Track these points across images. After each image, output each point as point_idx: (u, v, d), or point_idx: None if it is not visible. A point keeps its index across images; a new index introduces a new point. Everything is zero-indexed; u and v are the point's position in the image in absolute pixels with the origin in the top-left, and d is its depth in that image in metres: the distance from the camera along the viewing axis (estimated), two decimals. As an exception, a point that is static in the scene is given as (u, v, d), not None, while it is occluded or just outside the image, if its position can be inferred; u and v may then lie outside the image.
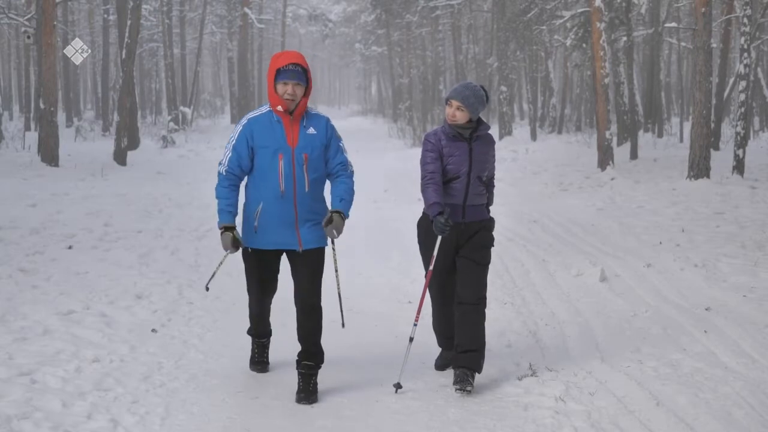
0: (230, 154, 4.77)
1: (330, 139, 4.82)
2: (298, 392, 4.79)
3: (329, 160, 4.84)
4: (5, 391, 4.55)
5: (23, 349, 5.31)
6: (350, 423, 4.46)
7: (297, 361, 4.89)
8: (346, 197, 4.83)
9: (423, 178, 4.93)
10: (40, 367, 4.97)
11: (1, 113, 24.16)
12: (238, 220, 4.86)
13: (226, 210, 4.76)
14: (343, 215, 4.79)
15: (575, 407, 4.55)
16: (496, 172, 5.28)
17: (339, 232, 4.76)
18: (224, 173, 4.79)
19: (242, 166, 4.76)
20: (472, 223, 5.01)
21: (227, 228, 4.74)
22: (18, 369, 4.91)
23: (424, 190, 4.90)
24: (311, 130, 4.76)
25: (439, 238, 4.87)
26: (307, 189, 4.73)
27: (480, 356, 4.92)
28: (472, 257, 4.97)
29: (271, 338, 5.36)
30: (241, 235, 4.87)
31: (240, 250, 4.80)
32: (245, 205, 4.89)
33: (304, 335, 4.89)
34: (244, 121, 4.80)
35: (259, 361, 5.28)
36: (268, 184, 4.71)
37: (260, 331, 5.23)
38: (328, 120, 4.87)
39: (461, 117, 4.91)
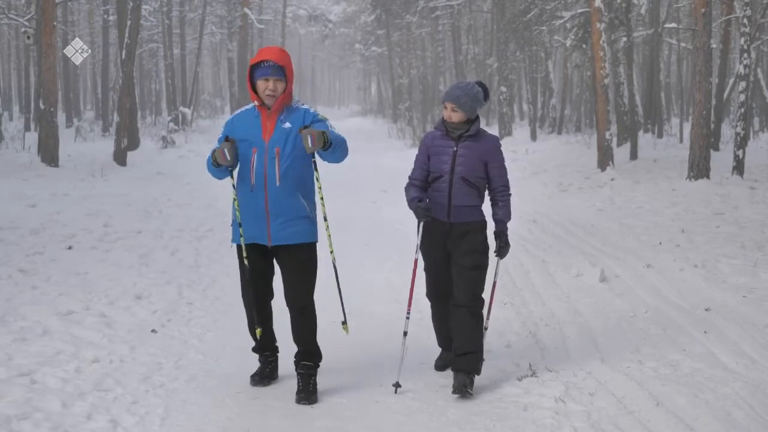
0: (216, 146, 4.83)
1: (310, 125, 4.72)
2: (298, 392, 4.78)
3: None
4: (5, 391, 4.56)
5: (23, 350, 5.32)
6: (350, 423, 4.46)
7: (295, 361, 4.88)
8: (333, 132, 4.71)
9: (409, 179, 5.08)
10: (39, 368, 4.98)
11: (1, 113, 24.14)
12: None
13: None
14: (326, 134, 4.59)
15: (575, 408, 4.55)
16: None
17: (313, 142, 4.52)
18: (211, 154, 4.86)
19: None
20: (459, 224, 4.95)
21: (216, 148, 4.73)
22: (18, 369, 4.91)
23: (406, 190, 5.07)
24: (287, 125, 4.75)
25: (421, 225, 4.99)
26: (277, 183, 4.68)
27: (478, 358, 4.91)
28: (462, 263, 4.93)
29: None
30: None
31: (234, 145, 4.70)
32: (233, 201, 4.93)
33: (299, 336, 4.88)
34: (232, 116, 4.96)
35: (260, 373, 5.08)
36: (243, 178, 4.78)
37: (263, 343, 5.03)
38: (306, 110, 4.81)
39: (457, 117, 4.93)
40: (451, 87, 4.99)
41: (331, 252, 4.93)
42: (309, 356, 4.86)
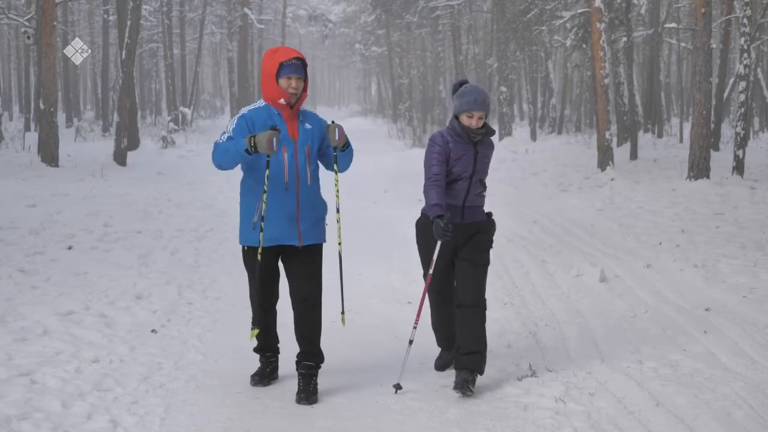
0: (230, 134, 4.68)
1: (326, 134, 4.84)
2: (299, 393, 4.78)
3: (328, 148, 4.89)
4: (5, 391, 4.56)
5: (23, 350, 5.32)
6: (350, 423, 4.45)
7: (296, 361, 4.88)
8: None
9: (428, 179, 4.89)
10: (39, 368, 4.97)
11: (1, 113, 24.14)
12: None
13: (238, 139, 4.62)
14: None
15: (575, 408, 4.55)
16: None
17: (341, 135, 4.70)
18: (222, 141, 4.71)
19: None
20: (471, 224, 5.03)
21: (253, 135, 4.54)
22: (18, 369, 4.91)
23: (427, 191, 4.87)
24: (307, 125, 4.82)
25: (439, 243, 4.86)
26: (309, 181, 4.77)
27: (482, 358, 4.92)
28: (470, 259, 4.95)
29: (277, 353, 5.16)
30: (239, 233, 4.85)
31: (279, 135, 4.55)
32: (242, 201, 4.84)
33: (303, 336, 4.87)
34: (244, 111, 4.80)
35: (261, 373, 5.08)
36: (271, 176, 4.67)
37: (265, 344, 5.06)
38: (317, 116, 4.96)
39: (482, 122, 4.97)
40: (474, 95, 4.87)
41: (339, 243, 4.96)
42: (311, 357, 4.86)
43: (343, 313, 5.08)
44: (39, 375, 4.87)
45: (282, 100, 4.71)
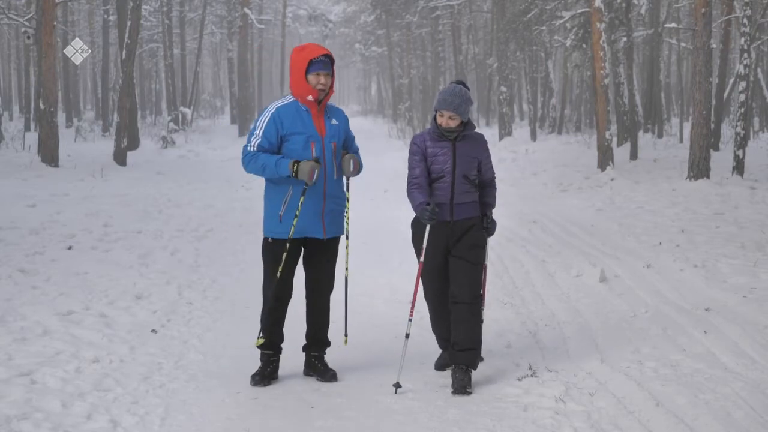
0: (260, 140, 4.85)
1: (347, 130, 5.13)
2: (323, 374, 5.01)
3: (348, 149, 5.10)
4: (5, 391, 4.56)
5: (23, 350, 5.32)
6: (350, 423, 4.46)
7: (306, 345, 5.10)
8: (358, 152, 5.11)
9: (409, 183, 5.03)
10: (39, 368, 4.98)
11: (1, 113, 24.14)
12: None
13: (279, 158, 4.78)
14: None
15: (575, 408, 4.55)
16: (496, 172, 5.33)
17: (355, 167, 4.93)
18: (254, 150, 4.86)
19: (271, 151, 4.88)
20: (462, 221, 5.04)
21: (296, 161, 4.74)
22: (18, 369, 4.91)
23: (409, 193, 5.01)
24: (334, 121, 5.00)
25: (428, 228, 4.95)
26: (335, 176, 4.94)
27: (476, 354, 4.97)
28: (464, 257, 4.99)
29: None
30: (263, 225, 4.95)
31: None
32: (267, 194, 4.95)
33: (319, 326, 5.08)
34: (271, 109, 4.91)
35: (261, 373, 5.06)
36: None
37: (272, 338, 5.05)
38: (343, 111, 5.15)
39: (455, 123, 4.99)
40: (445, 95, 4.95)
41: (346, 269, 5.12)
42: (324, 344, 5.12)
43: (346, 335, 5.22)
44: (39, 375, 4.87)
45: (310, 97, 4.84)
